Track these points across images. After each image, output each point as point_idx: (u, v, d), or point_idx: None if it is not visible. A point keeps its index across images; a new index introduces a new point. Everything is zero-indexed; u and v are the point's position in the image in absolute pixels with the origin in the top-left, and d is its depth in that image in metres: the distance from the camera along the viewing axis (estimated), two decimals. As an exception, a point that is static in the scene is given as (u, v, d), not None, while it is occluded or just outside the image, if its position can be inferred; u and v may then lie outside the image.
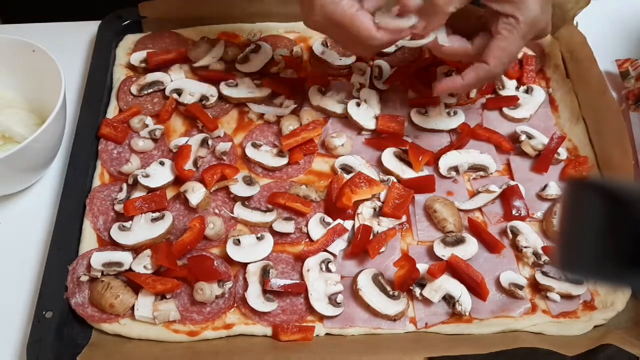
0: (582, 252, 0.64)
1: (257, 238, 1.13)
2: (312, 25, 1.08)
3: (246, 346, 1.04)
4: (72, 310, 1.07)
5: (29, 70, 1.23)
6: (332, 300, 1.07)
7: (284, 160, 1.24)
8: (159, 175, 1.21)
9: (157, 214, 1.16)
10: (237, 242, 1.11)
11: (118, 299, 1.05)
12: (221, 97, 1.34)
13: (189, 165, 1.21)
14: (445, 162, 1.22)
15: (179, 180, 1.21)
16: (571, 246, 0.66)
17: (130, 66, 1.40)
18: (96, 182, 1.22)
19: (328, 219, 1.16)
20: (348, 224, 1.16)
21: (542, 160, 1.24)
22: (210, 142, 1.26)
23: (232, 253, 1.10)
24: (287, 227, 1.15)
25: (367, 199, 1.18)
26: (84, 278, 1.08)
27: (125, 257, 1.11)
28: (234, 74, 1.38)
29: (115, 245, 1.13)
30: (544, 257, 1.10)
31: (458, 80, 1.12)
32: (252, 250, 1.11)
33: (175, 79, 1.36)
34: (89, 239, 1.14)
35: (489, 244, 1.14)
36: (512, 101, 1.33)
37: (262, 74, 1.39)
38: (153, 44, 1.43)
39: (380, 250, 1.12)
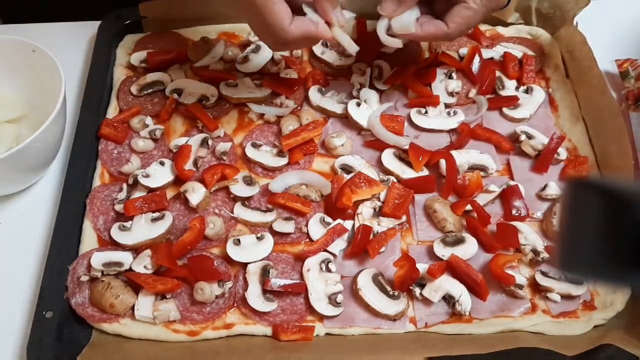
0: (582, 252, 0.64)
1: (257, 238, 1.13)
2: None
3: (246, 346, 1.04)
4: (72, 310, 1.07)
5: (29, 70, 1.23)
6: (332, 300, 1.07)
7: (284, 160, 1.24)
8: (159, 175, 1.21)
9: (157, 214, 1.16)
10: (237, 242, 1.11)
11: (118, 299, 1.05)
12: (221, 97, 1.33)
13: (189, 165, 1.21)
14: (445, 162, 1.22)
15: (179, 180, 1.21)
16: (571, 246, 0.66)
17: (130, 66, 1.40)
18: (96, 182, 1.22)
19: (328, 219, 1.17)
20: (348, 224, 1.16)
21: (541, 160, 1.24)
22: (210, 142, 1.26)
23: (232, 253, 1.10)
24: (287, 227, 1.15)
25: (367, 199, 1.18)
26: (84, 278, 1.08)
27: (125, 257, 1.11)
28: (234, 74, 1.37)
29: (116, 245, 1.13)
30: (543, 254, 1.11)
31: (416, 28, 1.12)
32: (252, 250, 1.11)
33: (175, 79, 1.36)
34: (89, 239, 1.14)
35: (486, 244, 1.14)
36: (512, 101, 1.33)
37: (262, 74, 1.39)
38: (153, 44, 1.43)
39: (380, 250, 1.12)
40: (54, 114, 1.11)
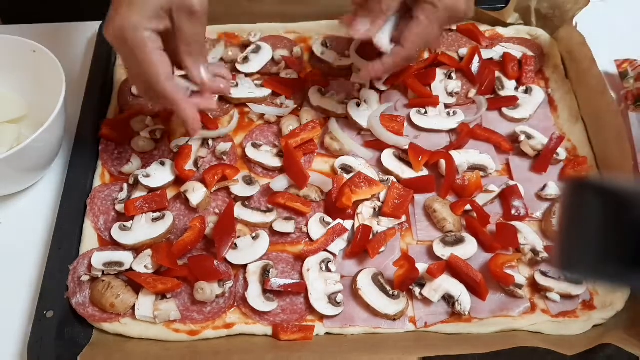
0: (582, 252, 0.64)
1: (252, 238, 1.13)
2: (107, 36, 0.98)
3: (246, 346, 1.05)
4: (72, 310, 1.07)
5: (29, 70, 1.23)
6: (332, 299, 1.07)
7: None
8: (160, 175, 1.21)
9: (157, 214, 1.16)
10: (235, 247, 1.12)
11: (119, 299, 1.05)
12: (221, 97, 1.34)
13: (189, 166, 1.22)
14: (445, 162, 1.22)
15: (179, 180, 1.21)
16: (571, 246, 0.66)
17: (131, 66, 1.40)
18: (97, 182, 1.22)
19: (328, 219, 1.17)
20: (348, 224, 1.16)
21: (541, 160, 1.24)
22: (210, 142, 1.26)
23: (230, 257, 1.11)
24: (287, 227, 1.15)
25: (367, 199, 1.18)
26: (85, 278, 1.08)
27: (126, 257, 1.11)
28: (234, 74, 1.38)
29: (116, 245, 1.13)
30: (542, 254, 1.11)
31: (378, 65, 1.15)
32: (249, 251, 1.12)
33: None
34: (89, 238, 1.15)
35: (486, 244, 1.14)
36: (512, 101, 1.33)
37: (262, 74, 1.39)
38: (153, 44, 1.43)
39: (380, 250, 1.12)
40: (55, 114, 1.11)
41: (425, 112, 1.32)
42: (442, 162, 1.22)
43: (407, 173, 1.23)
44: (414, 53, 1.15)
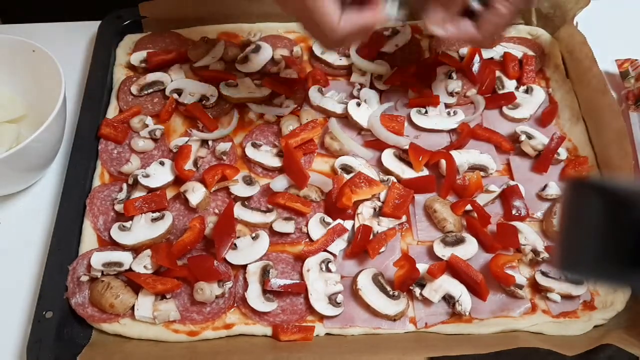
0: (582, 252, 0.64)
1: (252, 238, 1.13)
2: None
3: (246, 346, 1.04)
4: (72, 310, 1.07)
5: (29, 70, 1.23)
6: (332, 300, 1.07)
7: (284, 160, 1.24)
8: (159, 175, 1.21)
9: (157, 214, 1.16)
10: (234, 247, 1.11)
11: (118, 299, 1.05)
12: (221, 97, 1.34)
13: (189, 166, 1.22)
14: (445, 162, 1.22)
15: (179, 180, 1.21)
16: (571, 246, 0.66)
17: (130, 66, 1.40)
18: (96, 182, 1.22)
19: (328, 219, 1.16)
20: (348, 224, 1.16)
21: (542, 160, 1.24)
22: (210, 142, 1.26)
23: (230, 257, 1.10)
24: (287, 227, 1.15)
25: (367, 199, 1.18)
26: (84, 278, 1.08)
27: (125, 257, 1.11)
28: (234, 74, 1.37)
29: (116, 245, 1.13)
30: (543, 254, 1.11)
31: (465, 27, 1.08)
32: (248, 251, 1.11)
33: (175, 79, 1.36)
34: (89, 239, 1.14)
35: (486, 244, 1.14)
36: (510, 99, 1.32)
37: (262, 74, 1.39)
38: (153, 44, 1.43)
39: (380, 250, 1.12)
40: (54, 114, 1.11)
41: (426, 112, 1.32)
42: (443, 162, 1.21)
43: (407, 173, 1.23)
44: (487, 42, 1.12)
